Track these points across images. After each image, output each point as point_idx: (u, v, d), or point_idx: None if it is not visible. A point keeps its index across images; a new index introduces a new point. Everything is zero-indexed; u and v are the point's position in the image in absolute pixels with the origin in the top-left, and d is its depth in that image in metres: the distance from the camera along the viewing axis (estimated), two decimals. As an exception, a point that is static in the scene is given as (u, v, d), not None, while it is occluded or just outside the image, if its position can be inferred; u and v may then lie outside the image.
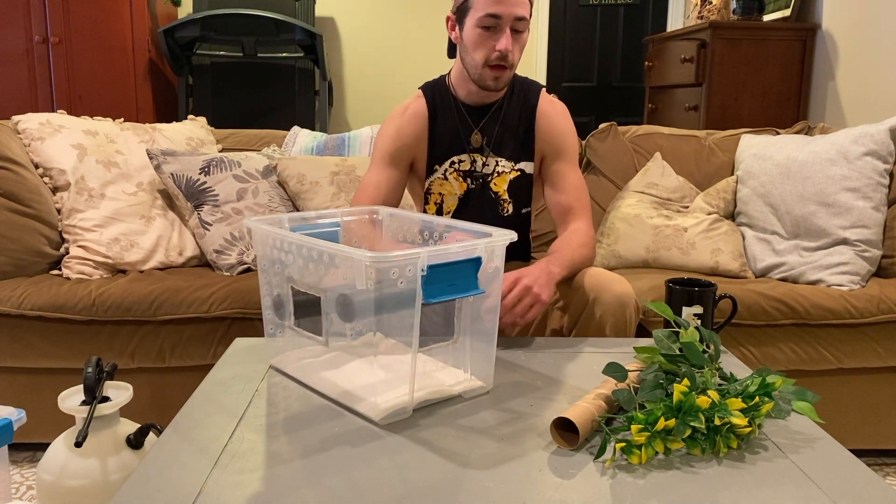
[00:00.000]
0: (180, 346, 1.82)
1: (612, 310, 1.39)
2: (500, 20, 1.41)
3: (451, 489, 0.83)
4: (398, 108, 1.62)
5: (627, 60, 4.76)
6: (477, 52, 1.46)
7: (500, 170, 1.60)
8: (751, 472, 0.88)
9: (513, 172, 1.60)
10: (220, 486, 0.83)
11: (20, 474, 1.80)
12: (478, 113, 1.58)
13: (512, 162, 1.60)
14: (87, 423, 1.21)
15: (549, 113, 1.60)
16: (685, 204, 2.25)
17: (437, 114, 1.59)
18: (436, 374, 1.12)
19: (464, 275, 1.00)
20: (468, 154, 1.59)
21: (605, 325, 1.39)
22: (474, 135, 1.58)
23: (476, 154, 1.59)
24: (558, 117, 1.61)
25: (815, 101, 3.05)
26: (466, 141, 1.58)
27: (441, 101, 1.59)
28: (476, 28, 1.43)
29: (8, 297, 1.79)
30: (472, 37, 1.45)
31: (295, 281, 1.09)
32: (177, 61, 3.60)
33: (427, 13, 4.25)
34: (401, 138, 1.58)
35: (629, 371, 1.06)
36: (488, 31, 1.43)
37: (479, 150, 1.59)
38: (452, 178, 1.60)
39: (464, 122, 1.58)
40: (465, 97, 1.58)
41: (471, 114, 1.58)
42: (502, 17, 1.41)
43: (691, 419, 0.91)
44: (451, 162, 1.60)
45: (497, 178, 1.60)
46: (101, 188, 2.03)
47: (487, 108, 1.58)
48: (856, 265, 1.94)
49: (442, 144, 1.59)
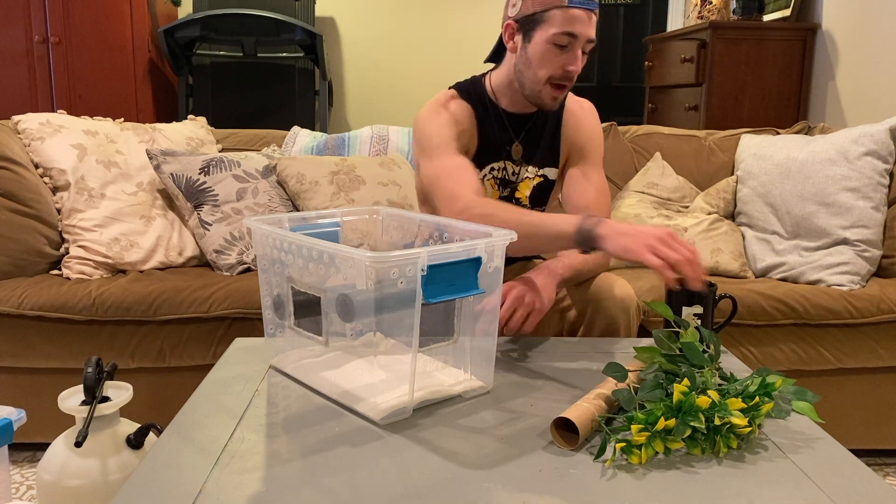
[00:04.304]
0: (180, 346, 1.82)
1: (614, 314, 1.39)
2: (575, 40, 1.35)
3: (451, 489, 0.83)
4: (435, 105, 1.50)
5: (627, 60, 4.76)
6: (542, 69, 1.38)
7: (526, 175, 1.56)
8: (751, 472, 0.88)
9: (536, 178, 1.56)
10: (220, 486, 0.83)
11: (20, 474, 1.80)
12: (518, 122, 1.53)
13: (537, 167, 1.56)
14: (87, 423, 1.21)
15: (577, 112, 1.56)
16: (685, 204, 2.25)
17: (480, 118, 1.51)
18: (436, 374, 1.12)
19: (464, 275, 1.00)
20: (503, 161, 1.54)
21: (608, 330, 1.40)
22: (515, 146, 1.52)
23: (509, 162, 1.54)
24: (586, 117, 1.56)
25: (815, 101, 3.05)
26: (506, 150, 1.53)
27: (481, 106, 1.51)
28: (547, 44, 1.36)
29: (8, 297, 1.79)
30: (541, 51, 1.37)
31: (295, 281, 1.09)
32: (177, 61, 3.60)
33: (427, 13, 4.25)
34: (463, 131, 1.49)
35: (629, 371, 1.06)
36: (559, 49, 1.36)
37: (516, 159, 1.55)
38: (489, 185, 1.55)
39: (504, 131, 1.52)
40: (507, 106, 1.51)
41: (511, 122, 1.52)
42: (578, 36, 1.35)
43: (691, 419, 0.91)
44: (490, 168, 1.54)
45: (521, 183, 1.56)
46: (101, 188, 2.03)
47: (528, 118, 1.53)
48: (856, 265, 1.94)
49: (485, 150, 1.53)
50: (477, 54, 4.24)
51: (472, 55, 4.25)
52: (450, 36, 4.26)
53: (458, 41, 4.25)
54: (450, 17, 4.25)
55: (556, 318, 1.50)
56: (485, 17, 4.24)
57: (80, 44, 3.48)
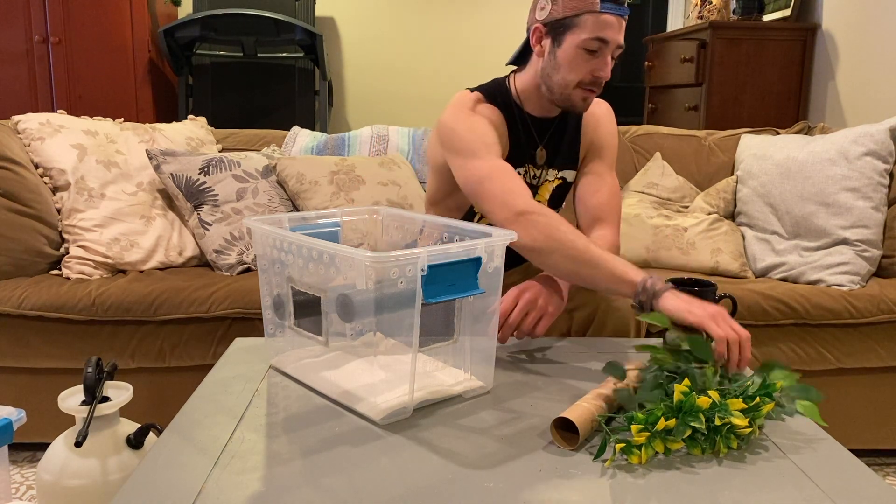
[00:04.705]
0: (180, 346, 1.82)
1: (622, 315, 1.39)
2: (605, 45, 1.35)
3: (451, 489, 0.83)
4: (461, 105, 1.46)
5: (627, 60, 4.76)
6: (572, 73, 1.38)
7: (546, 179, 1.55)
8: (751, 473, 0.88)
9: (556, 181, 1.56)
10: (220, 486, 0.83)
11: (20, 474, 1.80)
12: (542, 126, 1.52)
13: (556, 171, 1.55)
14: (87, 423, 1.21)
15: (596, 113, 1.56)
16: (685, 204, 2.25)
17: (510, 124, 1.50)
18: (436, 374, 1.12)
19: (464, 275, 1.00)
20: (527, 166, 1.53)
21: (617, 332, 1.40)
22: (539, 150, 1.52)
23: (532, 166, 1.54)
24: (603, 117, 1.57)
25: (815, 101, 3.05)
26: (531, 154, 1.52)
27: (507, 110, 1.49)
28: (578, 49, 1.36)
29: (8, 297, 1.79)
30: (571, 56, 1.37)
31: (295, 281, 1.09)
32: (177, 61, 3.60)
33: (427, 13, 4.25)
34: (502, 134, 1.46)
35: (628, 369, 1.06)
36: (590, 54, 1.36)
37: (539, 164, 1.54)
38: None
39: (529, 136, 1.51)
40: (531, 110, 1.50)
41: (536, 127, 1.52)
42: (609, 42, 1.35)
43: (691, 419, 0.92)
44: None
45: (541, 187, 1.56)
46: (101, 188, 2.03)
47: (551, 122, 1.52)
48: (856, 265, 1.94)
49: (512, 155, 1.51)
50: (477, 54, 4.24)
51: (472, 55, 4.25)
52: (450, 36, 4.26)
53: (458, 41, 4.25)
54: (450, 17, 4.25)
55: (563, 319, 1.50)
56: (485, 17, 4.24)
57: (80, 44, 3.48)
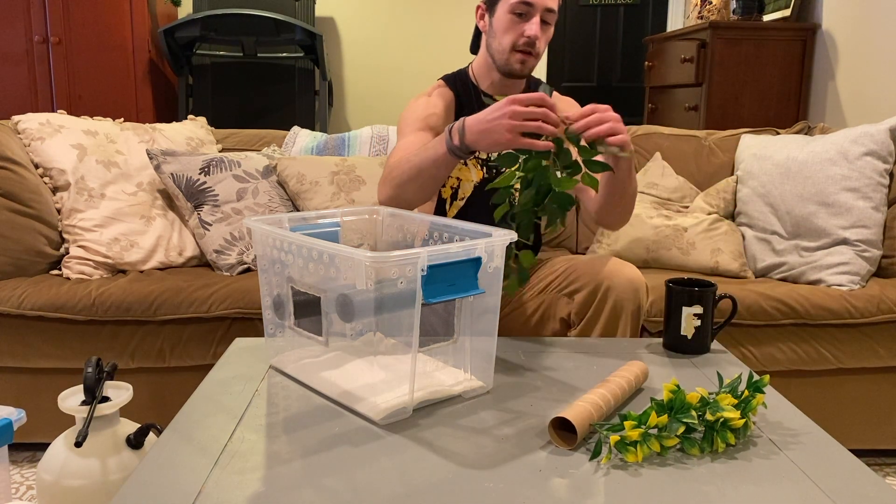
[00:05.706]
0: (180, 346, 1.82)
1: (625, 294, 1.40)
2: (531, 8, 1.49)
3: (451, 489, 0.83)
4: (421, 94, 1.65)
5: (627, 60, 4.76)
6: (505, 37, 1.53)
7: None
8: (749, 471, 0.88)
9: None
10: (220, 486, 0.83)
11: (20, 474, 1.80)
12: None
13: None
14: (87, 423, 1.21)
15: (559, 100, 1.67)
16: (685, 204, 2.25)
17: (462, 103, 1.64)
18: (436, 374, 1.12)
19: (464, 275, 1.00)
20: None
21: (620, 309, 1.41)
22: None
23: None
24: (562, 100, 1.69)
25: (815, 101, 3.05)
26: None
27: (464, 91, 1.65)
28: (508, 14, 1.51)
29: (8, 297, 1.79)
30: (503, 22, 1.52)
31: (295, 281, 1.09)
32: (177, 61, 3.60)
33: (427, 13, 4.25)
34: (432, 113, 1.60)
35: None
36: (519, 18, 1.51)
37: None
38: (471, 165, 1.63)
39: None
40: (487, 88, 1.64)
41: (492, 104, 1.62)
42: (534, 4, 1.49)
43: (683, 416, 0.92)
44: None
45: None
46: (101, 188, 2.03)
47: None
48: (856, 265, 1.94)
49: None
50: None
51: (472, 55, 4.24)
52: (450, 36, 4.26)
53: (458, 41, 4.25)
54: (450, 17, 4.25)
55: (563, 302, 1.50)
56: (485, 17, 4.24)
57: (80, 44, 3.48)
